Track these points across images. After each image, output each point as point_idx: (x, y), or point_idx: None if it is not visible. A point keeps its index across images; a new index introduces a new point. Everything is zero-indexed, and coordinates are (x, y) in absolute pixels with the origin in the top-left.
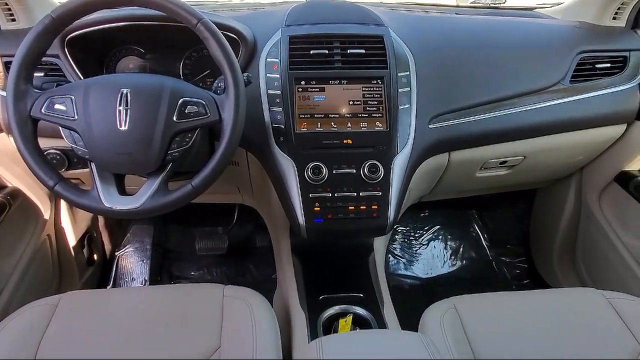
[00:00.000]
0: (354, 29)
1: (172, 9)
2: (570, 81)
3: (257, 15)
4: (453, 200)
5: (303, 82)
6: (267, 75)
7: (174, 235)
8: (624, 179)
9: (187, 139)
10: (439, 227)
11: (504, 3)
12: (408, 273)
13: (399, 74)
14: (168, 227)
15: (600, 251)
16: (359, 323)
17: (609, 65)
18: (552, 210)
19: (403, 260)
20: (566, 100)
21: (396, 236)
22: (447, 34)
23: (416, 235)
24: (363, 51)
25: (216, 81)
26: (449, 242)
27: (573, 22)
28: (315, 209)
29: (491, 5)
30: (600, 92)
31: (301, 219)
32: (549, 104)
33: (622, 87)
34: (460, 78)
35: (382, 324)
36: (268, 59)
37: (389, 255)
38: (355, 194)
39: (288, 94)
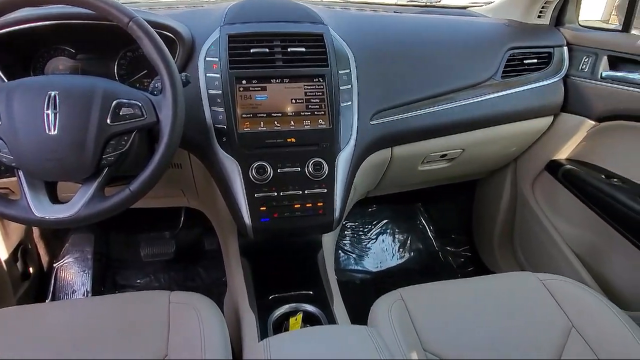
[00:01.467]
0: (294, 27)
1: (102, 8)
2: (501, 76)
3: (194, 14)
4: (399, 195)
5: (244, 82)
6: (207, 74)
7: (117, 243)
8: (553, 167)
9: (123, 142)
10: (386, 221)
11: (439, 2)
12: (358, 268)
13: (339, 72)
14: (110, 234)
15: (535, 236)
16: (310, 320)
17: (535, 60)
18: (491, 200)
19: (353, 255)
20: (498, 94)
21: (345, 232)
22: (386, 31)
23: (365, 230)
24: (303, 49)
25: (153, 82)
26: (396, 235)
27: (503, 20)
28: (262, 208)
29: (427, 4)
30: (528, 87)
31: (247, 220)
32: (483, 98)
33: (548, 81)
34: (400, 75)
35: (332, 320)
36: (207, 58)
37: (339, 251)
38: (301, 192)
39: (229, 93)
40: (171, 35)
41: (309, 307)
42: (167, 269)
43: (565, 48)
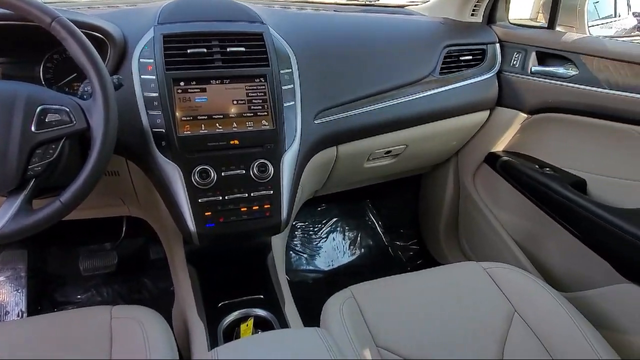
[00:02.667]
0: (233, 26)
1: (22, 7)
2: (439, 73)
3: (125, 14)
4: (347, 192)
5: (182, 83)
6: (142, 76)
7: (53, 257)
8: (492, 159)
9: (51, 151)
10: (336, 219)
11: (378, 1)
12: (310, 267)
13: (281, 72)
14: (46, 249)
15: (478, 226)
16: (261, 325)
17: (470, 57)
18: (436, 194)
19: (304, 255)
20: (437, 90)
21: (296, 232)
22: (326, 30)
23: (315, 229)
24: (243, 49)
25: (82, 85)
26: (347, 233)
27: (439, 18)
28: (206, 213)
29: (366, 3)
30: (465, 82)
31: (192, 226)
32: (423, 94)
33: (483, 77)
34: (341, 73)
35: (283, 323)
36: (141, 60)
37: (290, 252)
38: (247, 195)
39: (167, 95)
40: (101, 36)
41: (260, 312)
42: (110, 282)
43: (498, 45)
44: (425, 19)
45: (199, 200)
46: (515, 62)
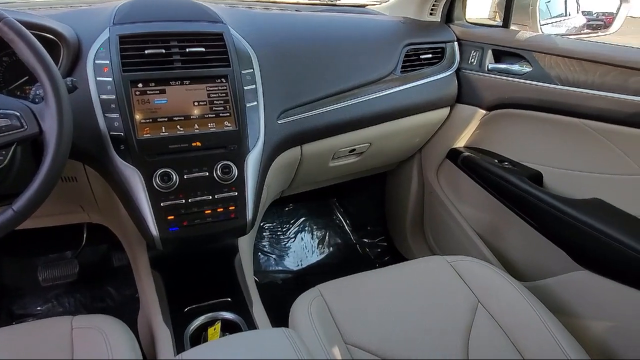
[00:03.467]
0: (192, 26)
1: None
2: (400, 71)
3: (79, 14)
4: (314, 192)
5: (140, 85)
6: (98, 78)
7: (10, 269)
8: (453, 155)
9: (1, 157)
10: (304, 219)
11: (339, 0)
12: (279, 268)
13: (242, 72)
14: (2, 260)
15: (443, 221)
16: (229, 328)
17: (430, 55)
18: (401, 190)
19: (273, 256)
20: (399, 88)
21: (264, 233)
22: (287, 30)
23: (283, 229)
24: (203, 49)
25: (34, 89)
26: (315, 232)
27: (399, 17)
28: (169, 217)
29: (327, 2)
30: (426, 80)
31: (154, 231)
32: (385, 93)
33: (442, 75)
34: (304, 73)
35: (252, 325)
36: (97, 61)
37: (259, 253)
38: (211, 197)
39: (124, 98)
40: (52, 37)
41: (228, 315)
42: (71, 292)
43: (456, 43)
44: (385, 19)
45: (161, 204)
46: (472, 60)
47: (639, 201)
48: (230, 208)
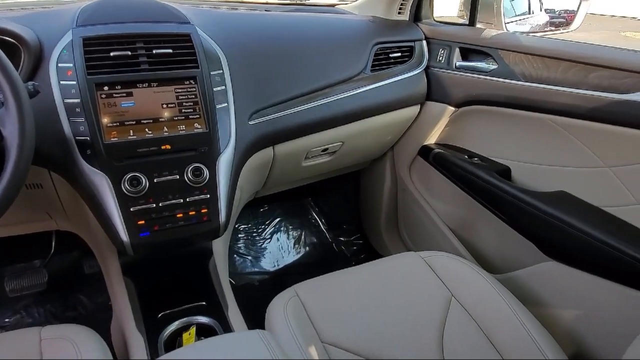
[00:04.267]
0: (158, 27)
1: None
2: (371, 70)
3: (40, 16)
4: (289, 192)
5: (106, 88)
6: (61, 82)
7: None
8: (425, 152)
9: None
10: (279, 219)
11: (308, 0)
12: (256, 269)
13: (212, 73)
14: None
15: (416, 217)
16: (205, 332)
17: (399, 54)
18: (375, 188)
19: (249, 257)
20: (370, 87)
21: (239, 235)
22: (257, 30)
23: (259, 230)
24: (170, 51)
25: None
26: (290, 232)
27: (368, 17)
28: (139, 222)
29: (297, 2)
30: (396, 79)
31: (124, 236)
32: (356, 91)
33: (412, 73)
34: (274, 73)
35: (228, 329)
36: (60, 65)
37: (234, 255)
38: (182, 201)
39: (89, 101)
40: (11, 40)
41: (203, 319)
42: (41, 302)
43: (424, 42)
44: (355, 18)
45: (131, 209)
46: (441, 58)
47: (602, 192)
48: (203, 211)
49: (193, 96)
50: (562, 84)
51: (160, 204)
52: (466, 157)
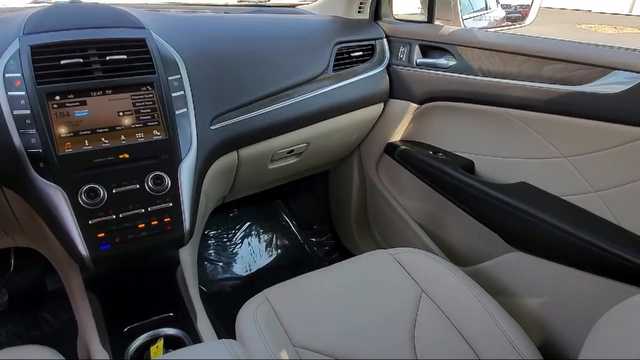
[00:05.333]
0: (111, 33)
1: None
2: (333, 70)
3: None
4: (258, 195)
5: (58, 97)
6: (9, 93)
7: None
8: (391, 149)
9: None
10: (249, 223)
11: (268, 1)
12: (227, 275)
13: (169, 78)
14: None
15: (386, 215)
16: (173, 344)
17: (361, 53)
18: (344, 187)
19: (220, 263)
20: (332, 87)
21: (209, 241)
22: (216, 33)
23: (229, 235)
24: (125, 57)
25: None
26: (261, 236)
27: (328, 16)
28: (99, 235)
29: (257, 3)
30: (358, 78)
31: (83, 251)
32: (319, 92)
33: (374, 72)
34: (235, 76)
35: (197, 339)
36: (7, 75)
37: (205, 262)
38: (144, 210)
39: (40, 112)
40: None
41: (170, 331)
42: (2, 322)
43: (385, 40)
44: (315, 18)
45: (89, 222)
46: (402, 55)
47: (560, 182)
48: (166, 220)
49: (151, 103)
50: (518, 77)
51: (120, 215)
52: (431, 152)
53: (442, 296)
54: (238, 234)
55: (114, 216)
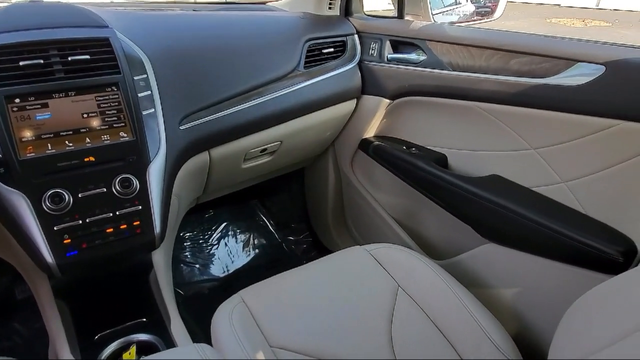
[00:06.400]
0: (74, 32)
1: None
2: (304, 67)
3: None
4: (234, 195)
5: (18, 100)
6: None
7: None
8: (365, 145)
9: None
10: (226, 223)
11: None
12: (205, 277)
13: (135, 78)
14: None
15: (362, 211)
16: (147, 350)
17: (332, 49)
18: (320, 184)
19: (196, 265)
20: (304, 84)
21: (185, 243)
22: (184, 31)
23: (205, 237)
24: (88, 57)
25: None
26: (238, 236)
27: (299, 13)
28: (65, 241)
29: (227, 0)
30: (330, 74)
31: (49, 258)
32: (290, 89)
33: (345, 68)
34: (205, 74)
35: (171, 344)
36: None
37: (181, 264)
38: (112, 214)
39: None
40: None
41: (143, 337)
42: None
43: (356, 36)
44: (285, 14)
45: (55, 228)
46: (373, 51)
47: (530, 174)
48: (135, 223)
49: (116, 104)
50: (486, 71)
51: (87, 220)
52: (404, 147)
53: (418, 290)
54: (214, 234)
55: (81, 221)
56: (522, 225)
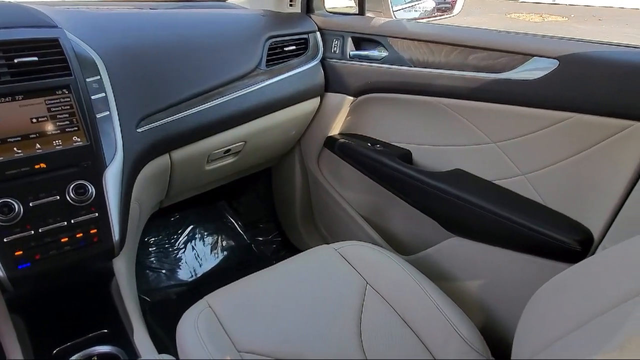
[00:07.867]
0: (20, 33)
1: None
2: (266, 65)
3: None
4: (200, 197)
5: None
6: None
7: None
8: (330, 143)
9: None
10: (192, 226)
11: None
12: (172, 282)
13: (87, 80)
14: None
15: (330, 209)
16: None
17: (294, 47)
18: (287, 183)
19: (163, 270)
20: (266, 83)
21: (150, 249)
22: (140, 31)
23: (171, 240)
24: (36, 59)
25: None
26: (206, 238)
27: (259, 10)
28: (17, 253)
29: None
30: (292, 72)
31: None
32: (252, 88)
33: (308, 66)
34: (162, 75)
35: (133, 355)
36: None
37: (146, 270)
38: (66, 223)
39: None
40: None
41: (104, 349)
42: None
43: (318, 33)
44: (245, 12)
45: (4, 240)
46: (335, 48)
47: (492, 167)
48: (92, 232)
49: (68, 107)
50: (445, 67)
51: (40, 230)
52: (369, 144)
53: (386, 287)
54: (181, 238)
55: (33, 232)
56: (485, 218)
